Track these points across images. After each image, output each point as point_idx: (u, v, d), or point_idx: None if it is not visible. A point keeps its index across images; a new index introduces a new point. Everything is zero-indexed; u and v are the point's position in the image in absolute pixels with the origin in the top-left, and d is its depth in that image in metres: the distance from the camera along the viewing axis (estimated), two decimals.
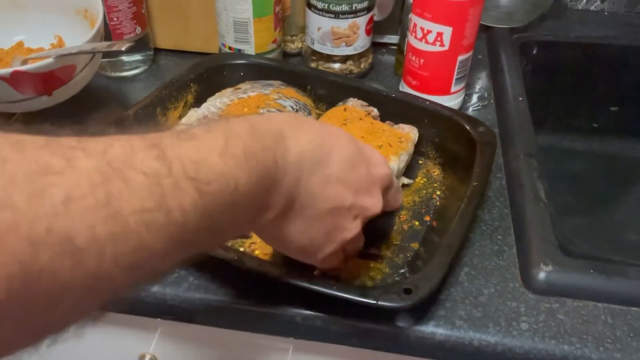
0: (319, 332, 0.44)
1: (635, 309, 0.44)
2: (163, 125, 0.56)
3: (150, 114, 0.56)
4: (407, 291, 0.39)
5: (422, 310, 0.43)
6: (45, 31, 0.64)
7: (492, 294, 0.45)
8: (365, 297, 0.39)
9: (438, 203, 0.53)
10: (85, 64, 0.54)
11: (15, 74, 0.49)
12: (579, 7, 0.86)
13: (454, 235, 0.43)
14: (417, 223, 0.51)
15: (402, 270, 0.47)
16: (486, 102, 0.67)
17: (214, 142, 0.28)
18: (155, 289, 0.45)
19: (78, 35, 0.61)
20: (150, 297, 0.45)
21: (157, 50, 0.74)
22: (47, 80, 0.51)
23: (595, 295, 0.44)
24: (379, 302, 0.38)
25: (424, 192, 0.54)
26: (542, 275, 0.45)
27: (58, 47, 0.63)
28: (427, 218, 0.52)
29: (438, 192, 0.54)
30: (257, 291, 0.45)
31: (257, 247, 0.48)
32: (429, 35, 0.58)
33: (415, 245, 0.49)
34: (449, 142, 0.56)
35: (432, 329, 0.43)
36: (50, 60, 0.50)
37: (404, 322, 0.43)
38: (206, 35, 0.72)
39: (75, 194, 0.21)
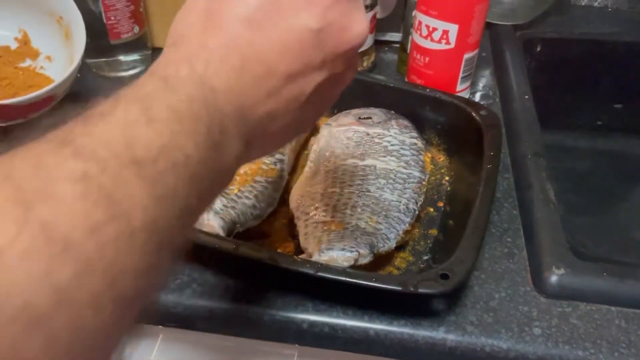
0: (326, 339, 0.43)
1: None
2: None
3: None
4: (444, 276, 0.39)
5: (432, 316, 0.42)
6: (10, 22, 0.60)
7: (503, 299, 0.44)
8: (404, 286, 0.39)
9: (449, 188, 0.54)
10: (64, 92, 0.53)
11: None
12: (583, 4, 0.85)
13: (479, 218, 0.44)
14: (432, 209, 0.52)
15: (425, 257, 0.47)
16: (491, 101, 0.66)
17: (130, 113, 0.22)
18: (158, 295, 0.44)
19: (46, 36, 0.58)
20: (152, 304, 0.44)
21: (155, 50, 0.73)
22: (25, 109, 0.50)
23: (608, 298, 0.43)
24: (419, 290, 0.38)
25: (433, 178, 0.54)
26: (554, 279, 0.44)
27: (23, 42, 0.60)
28: (441, 204, 0.52)
29: (447, 178, 0.55)
30: (261, 297, 0.43)
31: (278, 246, 0.48)
32: (434, 33, 0.56)
33: (433, 232, 0.50)
34: (452, 127, 0.56)
35: (442, 335, 0.41)
36: (37, 93, 0.49)
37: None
38: None
39: None
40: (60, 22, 0.58)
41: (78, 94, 0.59)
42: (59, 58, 0.58)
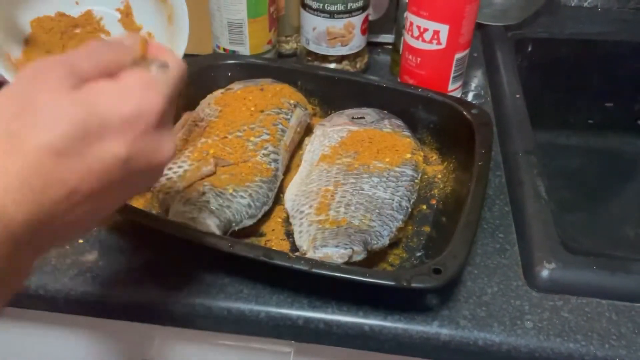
0: (321, 335, 0.44)
1: (639, 305, 0.44)
2: None
3: None
4: (437, 271, 0.40)
5: (425, 311, 0.43)
6: None
7: (496, 293, 0.45)
8: (397, 281, 0.39)
9: (441, 186, 0.54)
10: None
11: None
12: (573, 4, 0.86)
13: (471, 213, 0.44)
14: (424, 207, 0.53)
15: (419, 254, 0.48)
16: (483, 100, 0.67)
17: None
18: (155, 294, 0.44)
19: (148, 11, 0.57)
20: (149, 303, 0.44)
21: None
22: None
23: (598, 292, 0.44)
24: (412, 285, 0.39)
25: (426, 176, 0.55)
26: (545, 273, 0.44)
27: (125, 14, 0.59)
28: (434, 201, 0.53)
29: (439, 176, 0.56)
30: (257, 295, 0.44)
31: (273, 244, 0.48)
32: (425, 33, 0.57)
33: (427, 229, 0.50)
34: (444, 126, 0.57)
35: (436, 329, 0.42)
36: None
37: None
38: (199, 36, 0.71)
39: None
40: (165, 2, 0.56)
41: None
42: (160, 40, 0.57)
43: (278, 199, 0.52)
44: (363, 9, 0.65)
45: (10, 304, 0.47)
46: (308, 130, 0.59)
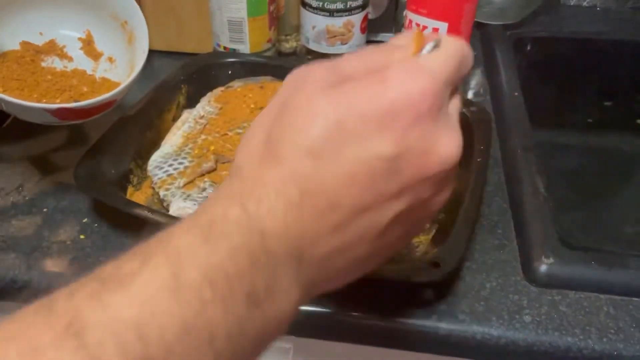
0: (320, 330, 0.44)
1: (636, 299, 0.44)
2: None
3: (145, 118, 0.56)
4: (435, 265, 0.40)
5: (424, 305, 0.43)
6: (76, 23, 0.60)
7: (494, 288, 0.45)
8: (396, 276, 0.40)
9: None
10: (123, 96, 0.54)
11: (61, 110, 0.49)
12: (572, 3, 0.86)
13: (470, 209, 0.45)
14: None
15: (417, 249, 0.48)
16: (482, 98, 0.67)
17: (156, 279, 0.20)
18: None
19: (109, 37, 0.59)
20: None
21: (151, 52, 0.73)
22: (88, 111, 0.51)
23: (596, 286, 0.44)
24: (411, 279, 0.40)
25: None
26: (543, 268, 0.45)
27: (86, 43, 0.61)
28: None
29: None
30: None
31: None
32: (424, 31, 0.58)
33: None
34: None
35: (434, 324, 0.42)
36: (99, 98, 0.50)
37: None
38: (200, 35, 0.72)
39: None
40: (124, 27, 0.58)
41: None
42: (120, 61, 0.59)
43: None
44: (362, 7, 0.65)
45: (11, 299, 0.47)
46: None
